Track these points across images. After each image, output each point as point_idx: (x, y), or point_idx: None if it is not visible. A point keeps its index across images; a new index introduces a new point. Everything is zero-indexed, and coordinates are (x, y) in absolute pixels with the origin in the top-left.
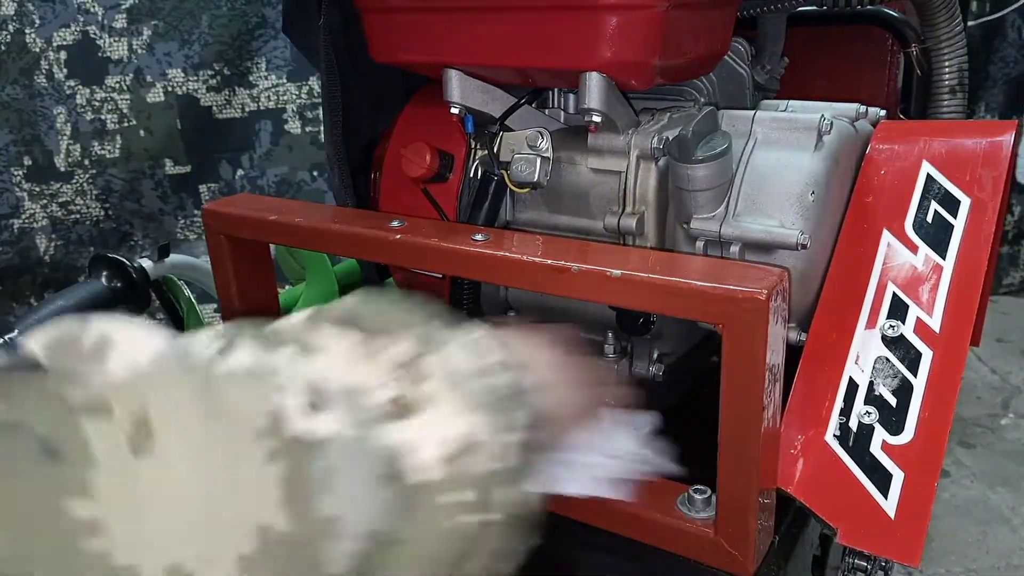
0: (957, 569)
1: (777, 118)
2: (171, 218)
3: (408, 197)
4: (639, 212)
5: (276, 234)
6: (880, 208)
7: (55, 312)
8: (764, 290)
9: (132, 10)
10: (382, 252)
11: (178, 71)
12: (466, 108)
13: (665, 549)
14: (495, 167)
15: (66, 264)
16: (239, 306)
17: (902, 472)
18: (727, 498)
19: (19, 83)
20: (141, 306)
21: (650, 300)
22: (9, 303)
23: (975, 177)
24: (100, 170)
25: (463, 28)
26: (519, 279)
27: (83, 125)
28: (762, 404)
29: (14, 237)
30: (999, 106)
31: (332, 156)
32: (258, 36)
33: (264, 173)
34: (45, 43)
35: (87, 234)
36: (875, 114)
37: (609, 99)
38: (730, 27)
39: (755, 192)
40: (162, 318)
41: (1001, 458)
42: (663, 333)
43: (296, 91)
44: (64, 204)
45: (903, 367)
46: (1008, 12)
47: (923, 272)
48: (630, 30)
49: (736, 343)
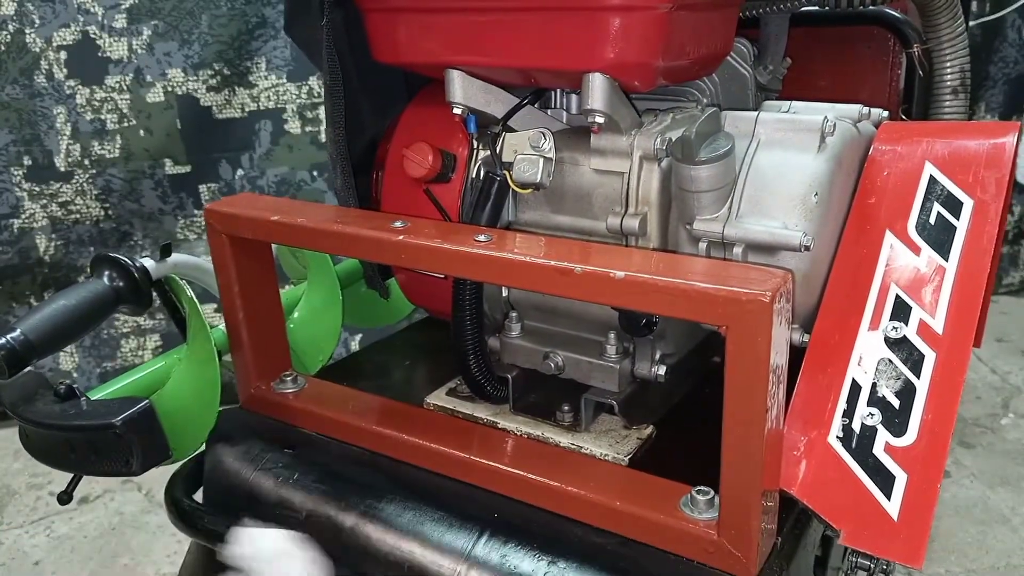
0: (957, 569)
1: (780, 119)
2: (171, 218)
3: (410, 197)
4: (642, 213)
5: (278, 234)
6: (883, 209)
7: (57, 311)
8: (768, 292)
9: (132, 10)
10: (384, 252)
11: (178, 71)
12: (469, 108)
13: (668, 550)
14: (498, 167)
15: (66, 264)
16: (241, 306)
17: (905, 474)
18: (730, 499)
19: (19, 83)
20: (143, 306)
21: (653, 301)
22: (9, 303)
23: (978, 178)
24: (100, 170)
25: (466, 29)
26: (522, 280)
27: (83, 125)
28: (766, 405)
29: (14, 237)
30: (999, 106)
31: (334, 156)
32: (258, 36)
33: (264, 173)
34: (45, 43)
35: (87, 234)
36: (877, 115)
37: (612, 100)
38: (733, 28)
39: (758, 193)
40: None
41: (1001, 458)
42: (665, 334)
43: (296, 91)
44: (64, 204)
45: (906, 369)
46: (1008, 12)
47: (926, 273)
48: (633, 31)
49: (740, 345)
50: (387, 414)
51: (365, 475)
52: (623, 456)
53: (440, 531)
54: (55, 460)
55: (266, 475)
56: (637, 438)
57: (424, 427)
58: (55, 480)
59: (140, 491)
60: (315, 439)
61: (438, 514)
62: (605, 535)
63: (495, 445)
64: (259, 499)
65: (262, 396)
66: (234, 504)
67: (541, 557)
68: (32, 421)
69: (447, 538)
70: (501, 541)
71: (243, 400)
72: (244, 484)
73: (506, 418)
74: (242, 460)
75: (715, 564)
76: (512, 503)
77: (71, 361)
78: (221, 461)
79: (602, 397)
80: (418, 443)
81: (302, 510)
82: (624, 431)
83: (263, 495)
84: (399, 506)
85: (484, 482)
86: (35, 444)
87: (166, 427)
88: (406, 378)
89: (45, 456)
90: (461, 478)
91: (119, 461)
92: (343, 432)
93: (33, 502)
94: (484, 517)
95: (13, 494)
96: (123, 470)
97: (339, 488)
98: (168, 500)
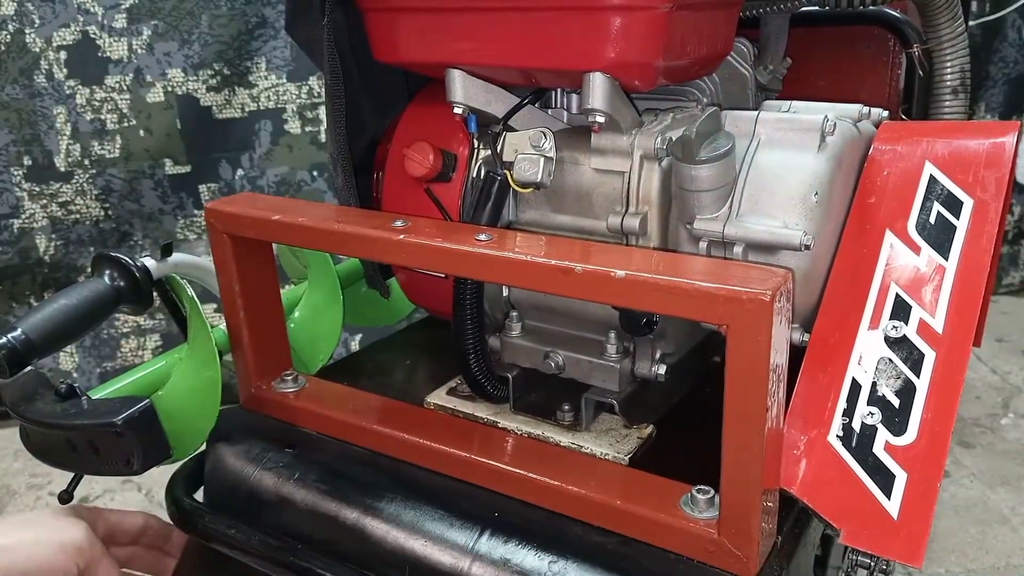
0: (957, 569)
1: (780, 119)
2: (171, 218)
3: (411, 197)
4: (642, 212)
5: (279, 233)
6: (883, 209)
7: (58, 310)
8: (768, 291)
9: (132, 10)
10: (385, 252)
11: (178, 71)
12: (469, 108)
13: (668, 549)
14: (498, 167)
15: (66, 264)
16: (242, 305)
17: (905, 473)
18: (731, 498)
19: (19, 83)
20: (144, 305)
21: (654, 301)
22: (9, 303)
23: (978, 178)
24: (100, 170)
25: (466, 28)
26: (523, 279)
27: (83, 125)
28: (766, 405)
29: (14, 237)
30: (999, 106)
31: (335, 156)
32: (258, 36)
33: (264, 173)
34: (45, 43)
35: (87, 234)
36: (878, 115)
37: (613, 99)
38: (733, 27)
39: (758, 193)
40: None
41: (1001, 458)
42: (666, 333)
43: (296, 91)
44: (64, 204)
45: (906, 368)
46: (1008, 12)
47: (926, 273)
48: (634, 31)
49: (740, 344)
50: (387, 413)
51: (366, 474)
52: (623, 455)
53: (440, 530)
54: (56, 459)
55: (267, 474)
56: (637, 437)
57: (424, 426)
58: (55, 480)
59: (140, 491)
60: (316, 438)
61: (438, 513)
62: (605, 534)
63: (495, 444)
64: (260, 498)
65: (263, 395)
66: (235, 503)
67: (541, 556)
68: (33, 420)
69: (447, 537)
70: (501, 540)
71: (243, 399)
72: (245, 483)
73: (506, 417)
74: (243, 459)
75: (715, 563)
76: (512, 502)
77: (71, 361)
78: (222, 460)
79: (602, 396)
80: (418, 442)
81: (303, 509)
82: (624, 430)
83: (264, 494)
84: (400, 505)
85: (484, 481)
86: (36, 443)
87: (167, 426)
88: (406, 377)
89: (46, 455)
90: (461, 477)
91: (120, 460)
92: (344, 431)
93: (33, 502)
94: (484, 516)
95: (13, 494)
96: (124, 469)
97: (340, 487)
98: (168, 499)
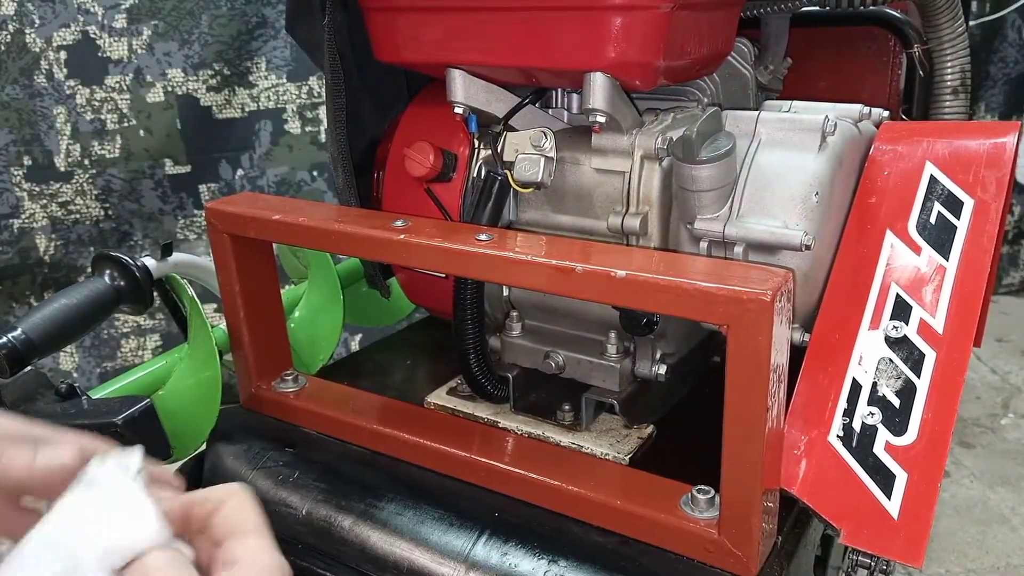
0: (957, 569)
1: (781, 119)
2: (171, 218)
3: (411, 197)
4: (643, 212)
5: (280, 233)
6: (883, 209)
7: (58, 310)
8: (769, 291)
9: (132, 10)
10: (386, 252)
11: (178, 71)
12: (470, 108)
13: (668, 549)
14: (499, 167)
15: (66, 264)
16: (242, 305)
17: (905, 473)
18: (731, 498)
19: (19, 83)
20: (144, 305)
21: (654, 301)
22: (9, 303)
23: (978, 178)
24: (100, 170)
25: (467, 28)
26: (523, 279)
27: (83, 125)
28: (766, 405)
29: (14, 237)
30: (999, 106)
31: (335, 156)
32: (258, 36)
33: (264, 173)
34: (45, 43)
35: (87, 234)
36: (878, 115)
37: (613, 99)
38: (734, 27)
39: (759, 192)
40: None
41: (1001, 458)
42: (666, 333)
43: (296, 91)
44: (64, 204)
45: (906, 368)
46: (1008, 12)
47: (926, 273)
48: (634, 30)
49: (740, 344)
50: (388, 413)
51: (365, 474)
52: (623, 455)
53: (440, 530)
54: None
55: (266, 474)
56: (638, 437)
57: (425, 426)
58: None
59: None
60: (315, 438)
61: (438, 513)
62: (606, 534)
63: (496, 444)
64: (259, 498)
65: (263, 395)
66: None
67: (541, 556)
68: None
69: (447, 537)
70: (501, 540)
71: (244, 399)
72: (244, 483)
73: (507, 417)
74: (243, 459)
75: (715, 563)
76: (513, 502)
77: (71, 361)
78: (222, 460)
79: (603, 396)
80: (419, 442)
81: (302, 509)
82: (624, 430)
83: (263, 494)
84: (399, 505)
85: (485, 481)
86: None
87: (167, 426)
88: (406, 377)
89: None
90: (462, 477)
91: None
92: (344, 431)
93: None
94: (484, 516)
95: None
96: None
97: (339, 487)
98: None
